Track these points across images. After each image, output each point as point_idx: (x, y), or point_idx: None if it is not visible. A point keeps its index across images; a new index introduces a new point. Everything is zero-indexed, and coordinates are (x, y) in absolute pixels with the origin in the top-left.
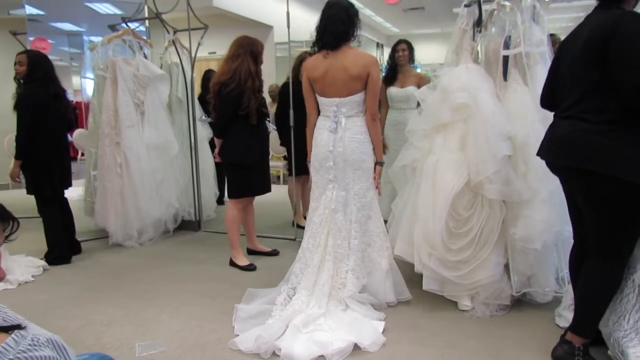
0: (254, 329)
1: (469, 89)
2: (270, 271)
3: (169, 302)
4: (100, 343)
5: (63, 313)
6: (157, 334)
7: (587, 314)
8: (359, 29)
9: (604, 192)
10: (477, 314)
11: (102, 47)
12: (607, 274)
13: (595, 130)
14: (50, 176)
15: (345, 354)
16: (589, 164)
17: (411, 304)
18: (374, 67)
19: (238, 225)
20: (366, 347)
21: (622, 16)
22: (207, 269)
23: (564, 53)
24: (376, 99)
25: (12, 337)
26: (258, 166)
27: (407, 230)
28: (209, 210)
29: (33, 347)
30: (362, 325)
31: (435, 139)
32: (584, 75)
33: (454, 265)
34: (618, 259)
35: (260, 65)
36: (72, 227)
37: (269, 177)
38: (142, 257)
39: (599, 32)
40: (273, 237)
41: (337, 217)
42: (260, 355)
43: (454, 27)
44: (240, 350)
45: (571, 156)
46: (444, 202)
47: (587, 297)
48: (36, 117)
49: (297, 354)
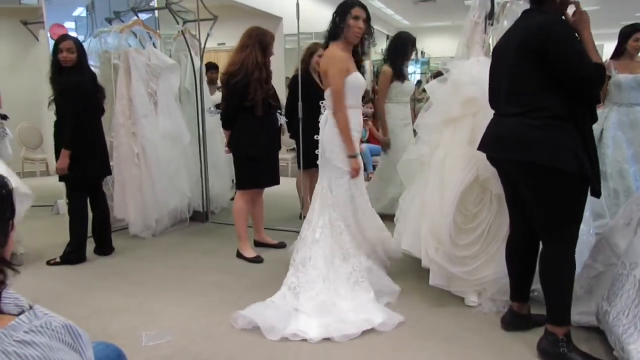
0: (262, 306)
1: (479, 82)
2: (277, 264)
3: (175, 292)
4: (106, 332)
5: (71, 301)
6: (164, 323)
7: (557, 302)
8: (341, 26)
9: (546, 182)
10: (484, 310)
11: (114, 36)
12: (559, 258)
13: (537, 125)
14: (94, 160)
15: (353, 336)
16: (533, 156)
17: (417, 299)
18: (328, 65)
19: (245, 217)
20: (377, 326)
21: (547, 21)
22: (214, 260)
23: (499, 58)
24: (333, 95)
25: (26, 314)
26: (265, 158)
27: (414, 224)
28: (222, 201)
29: (46, 326)
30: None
31: (444, 133)
32: (523, 77)
33: (461, 261)
34: (565, 244)
35: (269, 56)
36: (107, 225)
37: (277, 170)
38: (150, 247)
39: (529, 36)
40: (280, 230)
41: (314, 204)
42: (262, 334)
43: (466, 20)
44: (245, 340)
45: (517, 150)
46: (452, 197)
47: (550, 285)
48: (84, 105)
49: (309, 335)
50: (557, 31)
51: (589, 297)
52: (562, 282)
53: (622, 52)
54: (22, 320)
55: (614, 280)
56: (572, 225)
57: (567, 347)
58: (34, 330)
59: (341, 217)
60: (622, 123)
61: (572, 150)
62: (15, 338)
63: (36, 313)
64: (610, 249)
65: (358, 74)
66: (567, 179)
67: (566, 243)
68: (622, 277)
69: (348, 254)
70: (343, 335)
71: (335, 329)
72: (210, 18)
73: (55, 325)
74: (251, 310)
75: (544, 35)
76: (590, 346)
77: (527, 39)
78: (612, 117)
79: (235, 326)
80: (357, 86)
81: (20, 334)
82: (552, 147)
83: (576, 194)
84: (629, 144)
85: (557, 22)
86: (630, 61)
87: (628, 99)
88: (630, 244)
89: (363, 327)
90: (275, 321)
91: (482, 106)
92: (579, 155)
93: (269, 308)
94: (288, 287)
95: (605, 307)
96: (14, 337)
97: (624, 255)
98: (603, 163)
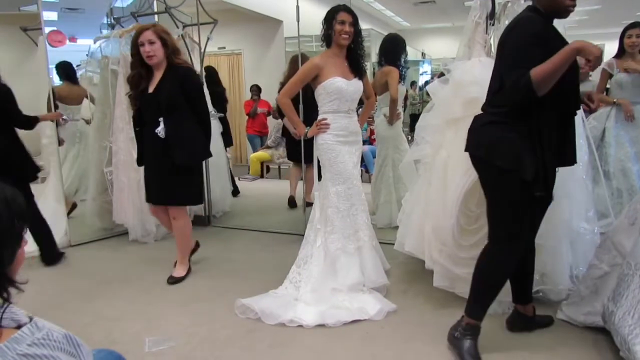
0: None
1: (481, 82)
2: (281, 270)
3: (178, 297)
4: (109, 338)
5: (73, 308)
6: (167, 329)
7: (477, 295)
8: (329, 32)
9: (487, 177)
10: (489, 311)
11: (113, 40)
12: (494, 257)
13: (491, 121)
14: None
15: (346, 321)
16: (476, 150)
17: (421, 301)
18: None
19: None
20: (372, 316)
21: (519, 19)
22: (216, 264)
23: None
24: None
25: (28, 326)
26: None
27: (417, 226)
28: (224, 205)
29: (48, 337)
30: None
31: (446, 134)
32: (495, 73)
33: (465, 262)
34: (502, 244)
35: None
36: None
37: (157, 186)
38: (152, 252)
39: (504, 33)
40: (284, 233)
41: (315, 205)
42: (262, 320)
43: (467, 20)
44: (248, 345)
45: (470, 145)
46: (455, 198)
47: (477, 277)
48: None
49: (305, 321)
50: (516, 28)
51: (595, 297)
52: (488, 280)
53: (623, 51)
54: (25, 333)
55: (619, 280)
56: (510, 225)
57: (462, 333)
58: (36, 343)
59: (337, 217)
60: (624, 121)
61: (515, 149)
62: (19, 351)
63: (37, 325)
64: (615, 249)
65: (336, 79)
66: (506, 177)
67: (503, 243)
68: (628, 277)
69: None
70: (337, 320)
71: (330, 315)
72: (210, 22)
73: (57, 336)
74: (252, 299)
75: (507, 31)
76: (598, 347)
77: (502, 36)
78: (614, 115)
79: (238, 314)
80: (333, 91)
81: (23, 347)
82: (494, 143)
83: (513, 193)
84: (632, 143)
85: (524, 19)
86: (631, 60)
87: (630, 98)
88: (636, 244)
89: (357, 316)
90: (275, 308)
91: None
92: (522, 156)
93: (270, 297)
94: (290, 281)
95: (611, 308)
96: (17, 351)
97: (629, 256)
98: (606, 162)
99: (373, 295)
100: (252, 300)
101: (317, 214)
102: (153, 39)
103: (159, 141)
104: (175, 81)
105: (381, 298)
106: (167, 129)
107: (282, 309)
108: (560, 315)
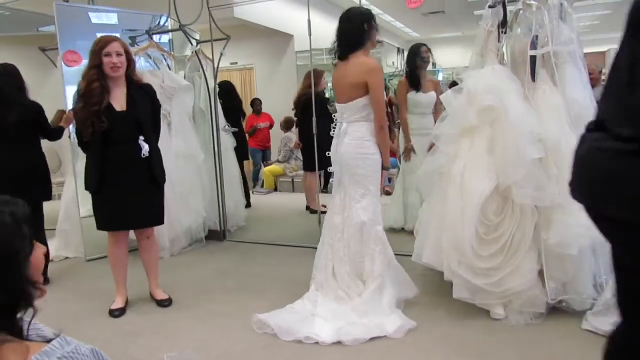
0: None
1: (495, 90)
2: (298, 284)
3: (195, 312)
4: (128, 354)
5: (92, 323)
6: (184, 344)
7: None
8: (368, 34)
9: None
10: (511, 322)
11: None
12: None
13: (629, 150)
14: None
15: (363, 340)
16: (620, 210)
17: (442, 313)
18: (371, 74)
19: (114, 261)
20: (391, 334)
21: None
22: (232, 279)
23: None
24: (379, 106)
25: (57, 340)
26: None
27: (435, 237)
28: (238, 219)
29: (77, 351)
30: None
31: (462, 143)
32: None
33: (484, 273)
34: None
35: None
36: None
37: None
38: (168, 267)
39: None
40: (296, 246)
41: (334, 218)
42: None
43: (479, 29)
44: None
45: (594, 194)
46: (472, 207)
47: None
48: None
49: (321, 338)
50: None
51: None
52: None
53: None
54: (55, 346)
55: None
56: None
57: None
58: (65, 356)
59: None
60: None
61: None
62: None
63: (67, 339)
64: None
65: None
66: None
67: None
68: None
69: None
70: (353, 339)
71: (345, 333)
72: (223, 38)
73: (84, 350)
74: (269, 314)
75: None
76: None
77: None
78: None
79: (255, 329)
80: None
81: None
82: None
83: None
84: None
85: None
86: None
87: None
88: None
89: (374, 333)
90: (292, 324)
91: (499, 115)
92: None
93: (288, 312)
94: (308, 298)
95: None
96: None
97: None
98: None
99: (396, 313)
100: (269, 316)
101: (354, 247)
102: (121, 51)
103: (140, 161)
104: (146, 98)
105: (401, 315)
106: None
107: (299, 325)
108: (586, 325)
